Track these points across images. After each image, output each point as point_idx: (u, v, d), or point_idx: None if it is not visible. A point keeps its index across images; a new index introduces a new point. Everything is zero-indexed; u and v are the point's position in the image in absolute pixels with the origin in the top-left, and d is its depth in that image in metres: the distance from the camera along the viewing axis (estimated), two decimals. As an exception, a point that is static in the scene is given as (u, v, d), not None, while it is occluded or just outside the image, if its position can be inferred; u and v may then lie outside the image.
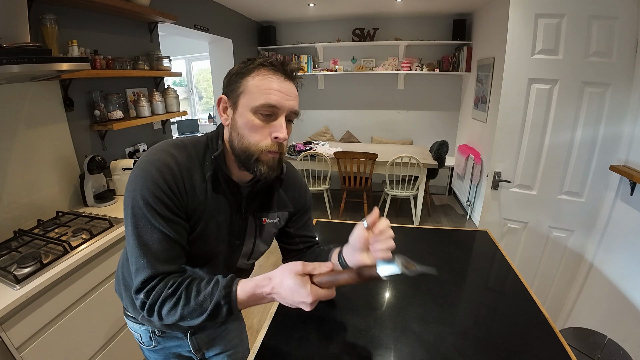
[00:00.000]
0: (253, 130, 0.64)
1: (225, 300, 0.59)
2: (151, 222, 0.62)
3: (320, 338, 0.81)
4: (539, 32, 1.55)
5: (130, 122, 1.93)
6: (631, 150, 1.49)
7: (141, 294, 0.62)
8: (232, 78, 0.67)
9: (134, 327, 0.91)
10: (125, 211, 0.64)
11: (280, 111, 0.64)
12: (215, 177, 0.70)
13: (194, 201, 0.67)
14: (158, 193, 0.62)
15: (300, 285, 0.57)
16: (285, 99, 0.64)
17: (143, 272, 0.62)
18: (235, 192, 0.73)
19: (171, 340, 0.91)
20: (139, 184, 0.62)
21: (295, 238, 0.88)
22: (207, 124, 5.41)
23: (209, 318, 0.60)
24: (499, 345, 0.79)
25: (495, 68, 3.02)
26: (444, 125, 4.48)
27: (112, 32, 1.96)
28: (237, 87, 0.65)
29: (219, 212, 0.71)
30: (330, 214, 3.79)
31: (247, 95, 0.64)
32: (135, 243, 0.62)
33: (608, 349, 1.21)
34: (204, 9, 3.11)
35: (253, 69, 0.65)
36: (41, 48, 1.22)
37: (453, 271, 1.12)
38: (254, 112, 0.64)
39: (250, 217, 0.77)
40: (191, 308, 0.60)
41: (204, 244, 0.72)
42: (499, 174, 1.81)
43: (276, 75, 0.64)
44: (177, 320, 0.61)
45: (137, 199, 0.62)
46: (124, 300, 0.87)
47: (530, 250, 1.88)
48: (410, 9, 3.79)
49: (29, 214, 1.50)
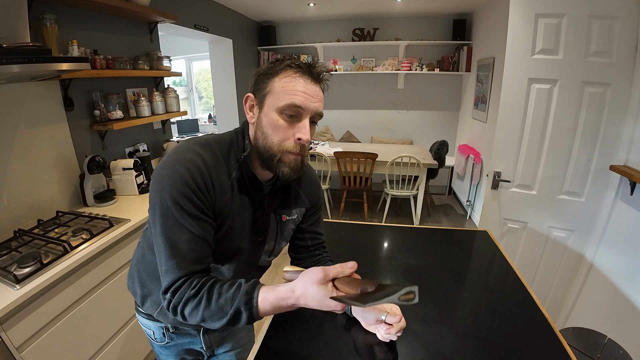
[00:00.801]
0: (277, 130, 0.65)
1: (246, 307, 0.59)
2: (180, 222, 0.62)
3: (320, 338, 0.81)
4: (539, 32, 1.55)
5: (130, 122, 1.93)
6: (631, 150, 1.49)
7: (168, 293, 0.62)
8: (260, 77, 0.68)
9: (147, 324, 0.92)
10: (152, 211, 0.64)
11: (305, 112, 0.65)
12: (240, 176, 0.71)
13: (221, 200, 0.68)
14: (187, 192, 0.62)
15: (324, 296, 0.57)
16: (310, 100, 0.65)
17: (172, 273, 0.62)
18: (259, 190, 0.74)
19: (184, 336, 0.92)
20: (167, 183, 0.62)
21: (306, 234, 0.89)
22: (207, 123, 5.41)
23: (229, 323, 0.60)
24: (499, 345, 0.79)
25: (495, 68, 3.02)
26: (444, 125, 4.48)
27: (112, 32, 1.96)
28: (264, 87, 0.66)
29: (243, 210, 0.72)
30: (330, 214, 3.79)
31: (273, 95, 0.65)
32: (164, 244, 0.62)
33: (608, 349, 1.21)
34: (204, 8, 3.11)
35: (281, 70, 0.66)
36: (41, 48, 1.21)
37: (453, 271, 1.12)
38: (279, 113, 0.65)
39: (272, 215, 0.79)
40: (212, 311, 0.60)
41: (229, 242, 0.72)
42: (499, 173, 1.81)
43: (303, 77, 0.65)
44: (200, 322, 0.62)
45: (165, 199, 0.62)
46: (138, 298, 0.86)
47: (530, 250, 1.88)
48: (410, 9, 3.79)
49: (29, 214, 1.50)
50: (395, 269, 1.14)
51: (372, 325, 0.77)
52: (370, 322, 0.77)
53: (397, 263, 1.18)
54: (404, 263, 1.17)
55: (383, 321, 0.73)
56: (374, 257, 1.22)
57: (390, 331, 0.71)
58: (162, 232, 0.62)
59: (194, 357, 0.99)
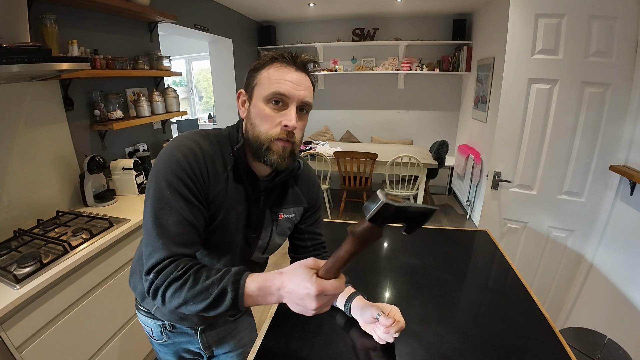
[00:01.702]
0: (264, 119, 0.67)
1: (232, 287, 0.57)
2: (171, 204, 0.63)
3: (320, 338, 0.81)
4: (539, 32, 1.54)
5: (130, 122, 1.93)
6: (631, 150, 1.49)
7: (152, 274, 0.61)
8: (250, 73, 0.71)
9: (146, 321, 0.92)
10: (147, 194, 0.65)
11: (291, 100, 0.66)
12: (236, 168, 0.72)
13: (215, 188, 0.69)
14: (181, 175, 0.63)
15: (305, 277, 0.55)
16: (295, 88, 0.66)
17: (158, 253, 0.61)
18: (255, 184, 0.75)
19: (181, 335, 0.92)
20: (163, 166, 0.64)
21: (305, 234, 0.89)
22: (207, 123, 5.41)
23: (211, 305, 0.58)
24: (499, 345, 0.79)
25: (495, 68, 3.02)
26: (444, 125, 4.48)
27: (112, 31, 1.96)
28: (252, 81, 0.69)
29: (238, 203, 0.73)
30: (330, 214, 3.79)
31: (260, 86, 0.67)
32: (152, 224, 0.62)
33: (608, 349, 1.21)
34: (204, 8, 3.11)
35: (267, 62, 0.68)
36: (41, 48, 1.21)
37: (453, 271, 1.12)
38: (265, 102, 0.66)
39: (267, 211, 0.79)
40: (196, 291, 0.58)
41: (223, 234, 0.73)
42: (499, 173, 1.81)
43: (288, 66, 0.67)
44: (179, 305, 0.59)
45: (160, 181, 0.63)
46: (138, 294, 0.88)
47: (530, 250, 1.88)
48: (410, 9, 3.79)
49: (29, 214, 1.50)
50: (395, 268, 1.14)
51: (369, 325, 0.78)
52: (367, 320, 0.78)
53: (397, 263, 1.18)
54: (404, 263, 1.17)
55: (376, 320, 0.74)
56: (373, 257, 1.22)
57: (389, 330, 0.71)
58: (152, 212, 0.63)
59: (192, 357, 0.99)
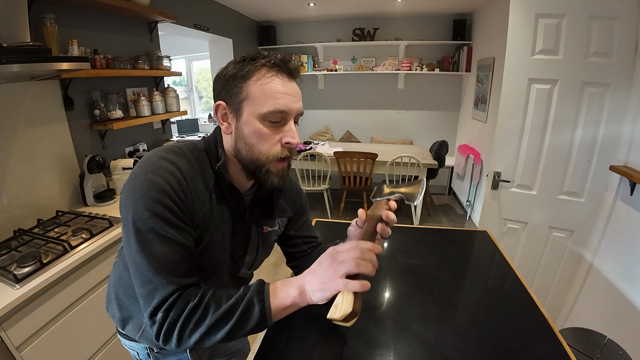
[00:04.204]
0: (262, 139, 0.61)
1: (258, 298, 0.54)
2: (160, 233, 0.55)
3: (320, 338, 0.81)
4: (539, 32, 1.54)
5: (130, 122, 1.93)
6: (631, 150, 1.49)
7: (159, 314, 0.53)
8: (230, 82, 0.61)
9: (130, 345, 0.85)
10: (125, 228, 0.56)
11: (289, 115, 0.61)
12: (218, 186, 0.66)
13: (200, 210, 0.62)
14: (164, 200, 0.55)
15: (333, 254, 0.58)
16: (292, 101, 0.61)
17: (161, 289, 0.54)
18: (239, 200, 0.70)
19: (170, 355, 0.85)
20: (141, 194, 0.55)
21: (297, 239, 0.87)
22: (207, 123, 5.41)
23: (237, 324, 0.53)
24: (498, 345, 0.79)
25: (495, 68, 3.02)
26: (444, 125, 4.48)
27: (112, 31, 1.96)
28: (237, 92, 0.60)
29: (223, 222, 0.68)
30: (330, 214, 3.79)
31: (252, 100, 0.59)
32: (144, 261, 0.54)
33: (607, 349, 1.21)
34: (204, 8, 3.11)
35: (253, 70, 0.59)
36: (41, 47, 1.21)
37: (453, 271, 1.12)
38: (261, 120, 0.60)
39: (253, 227, 0.75)
40: (220, 314, 0.53)
41: (210, 256, 0.67)
42: (499, 174, 1.81)
43: (279, 76, 0.60)
44: (200, 337, 0.54)
45: (139, 212, 0.54)
46: (118, 321, 0.80)
47: (530, 250, 1.88)
48: (410, 9, 3.79)
49: (29, 214, 1.50)
50: (395, 268, 1.14)
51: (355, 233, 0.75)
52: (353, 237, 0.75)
53: (397, 263, 1.18)
54: (404, 263, 1.17)
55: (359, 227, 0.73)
56: (373, 257, 1.21)
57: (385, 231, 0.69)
58: (140, 248, 0.54)
59: None
